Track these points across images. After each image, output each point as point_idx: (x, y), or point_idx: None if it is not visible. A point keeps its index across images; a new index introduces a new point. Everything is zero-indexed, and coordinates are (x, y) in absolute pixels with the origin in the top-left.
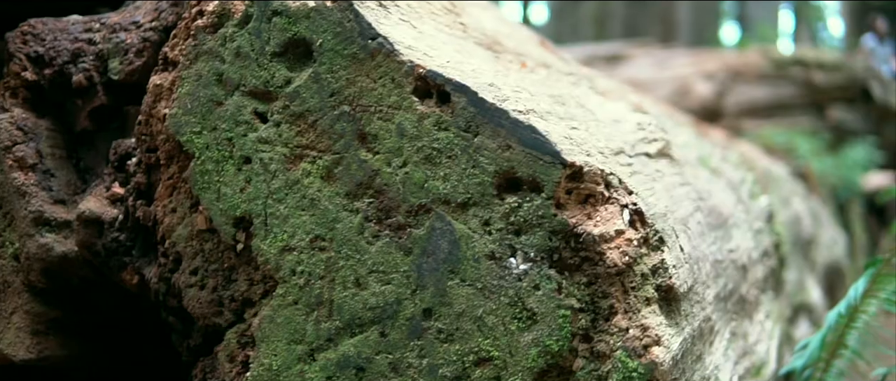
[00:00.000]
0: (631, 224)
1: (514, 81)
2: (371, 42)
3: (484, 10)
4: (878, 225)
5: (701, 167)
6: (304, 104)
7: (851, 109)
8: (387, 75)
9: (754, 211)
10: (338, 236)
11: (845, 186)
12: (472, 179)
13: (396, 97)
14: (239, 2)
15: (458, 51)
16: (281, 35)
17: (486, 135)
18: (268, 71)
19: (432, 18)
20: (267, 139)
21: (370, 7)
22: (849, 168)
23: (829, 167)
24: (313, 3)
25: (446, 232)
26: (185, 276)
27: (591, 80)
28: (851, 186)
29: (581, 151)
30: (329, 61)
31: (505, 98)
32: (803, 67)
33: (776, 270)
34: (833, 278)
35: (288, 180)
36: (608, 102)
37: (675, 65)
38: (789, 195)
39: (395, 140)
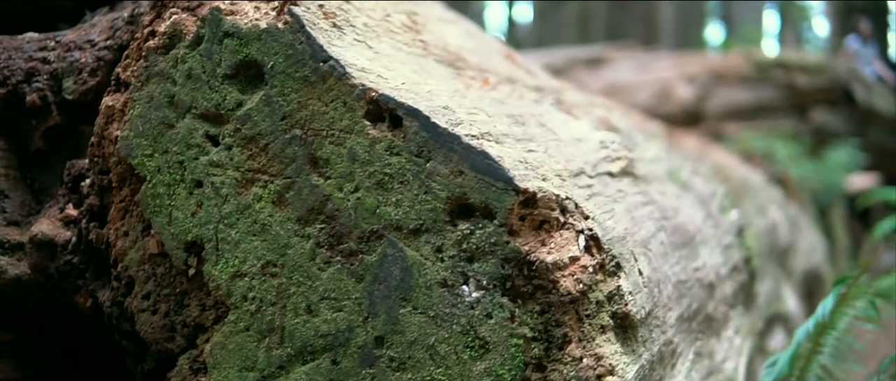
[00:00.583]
0: (586, 250)
1: (471, 101)
2: (322, 65)
3: (450, 25)
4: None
5: (669, 182)
6: (255, 127)
7: (834, 112)
8: (338, 99)
9: (724, 226)
10: (289, 262)
11: (826, 190)
12: (424, 205)
13: (348, 121)
14: (191, 22)
15: (415, 71)
16: (232, 57)
17: (438, 160)
18: (219, 93)
19: (390, 37)
20: (218, 163)
21: (323, 29)
22: (831, 171)
23: (809, 172)
24: (265, 25)
25: (398, 259)
26: (137, 300)
27: (559, 93)
28: (833, 189)
29: (536, 176)
30: (280, 84)
31: (458, 122)
32: (785, 69)
33: (746, 284)
34: (812, 284)
35: (239, 205)
36: (572, 120)
37: (656, 68)
38: (766, 203)
39: (347, 165)
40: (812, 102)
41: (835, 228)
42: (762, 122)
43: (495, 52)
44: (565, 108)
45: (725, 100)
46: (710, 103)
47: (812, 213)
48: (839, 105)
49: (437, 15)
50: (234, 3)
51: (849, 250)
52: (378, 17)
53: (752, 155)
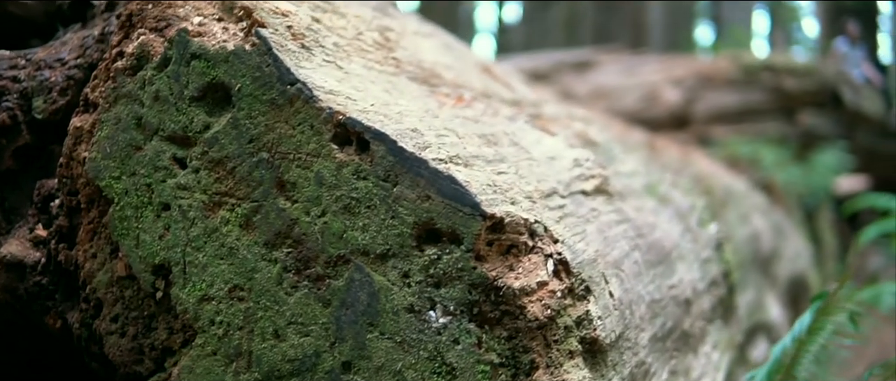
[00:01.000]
0: (555, 275)
1: (442, 121)
2: (290, 87)
3: (426, 39)
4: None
5: (647, 197)
6: (222, 150)
7: (822, 114)
8: (306, 122)
9: (703, 239)
10: (256, 286)
11: (813, 194)
12: (391, 230)
13: (315, 145)
14: (158, 44)
15: (386, 90)
16: (199, 79)
17: (405, 185)
18: (186, 116)
19: (361, 56)
20: (185, 186)
21: (291, 50)
22: (819, 174)
23: (795, 177)
24: (232, 47)
25: (365, 284)
26: (106, 322)
27: (537, 107)
28: (820, 193)
29: (505, 200)
30: (248, 107)
31: (426, 145)
32: (773, 72)
33: (725, 298)
34: (797, 290)
35: (206, 228)
36: (546, 138)
37: (643, 71)
38: (749, 212)
39: (314, 189)
40: (800, 105)
41: (822, 231)
42: (750, 125)
43: (473, 65)
44: (541, 124)
45: (713, 103)
46: (697, 107)
47: (799, 217)
48: (827, 108)
49: (414, 29)
50: (202, 24)
51: (836, 254)
52: (349, 35)
53: (738, 161)
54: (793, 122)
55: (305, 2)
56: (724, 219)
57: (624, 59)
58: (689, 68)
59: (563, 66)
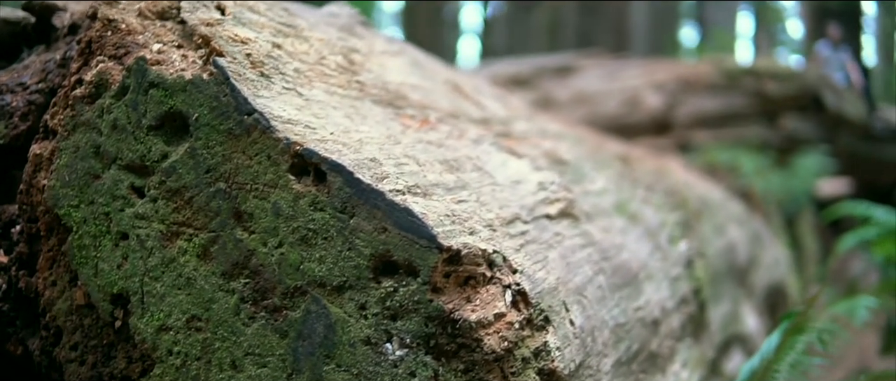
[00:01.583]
0: (513, 305)
1: (404, 147)
2: (247, 117)
3: (394, 57)
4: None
5: (617, 216)
6: (180, 180)
7: (804, 118)
8: (263, 152)
9: (673, 257)
10: (214, 316)
11: (793, 199)
12: (347, 261)
13: (272, 175)
14: (117, 72)
15: (348, 116)
16: (157, 108)
17: (362, 216)
18: (144, 145)
19: (323, 81)
20: (143, 215)
21: (249, 79)
22: (800, 178)
23: (774, 184)
24: (190, 76)
25: (322, 315)
26: (65, 351)
27: (507, 125)
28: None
29: (464, 230)
30: (205, 136)
31: (384, 176)
32: (755, 76)
33: (696, 315)
34: (775, 298)
35: (164, 258)
36: (512, 160)
37: (625, 76)
38: (725, 223)
39: (271, 220)
40: (782, 110)
41: (803, 236)
42: (731, 130)
43: (442, 82)
44: (509, 144)
45: (695, 108)
46: (679, 112)
47: (779, 222)
48: (809, 112)
49: (381, 48)
50: (161, 51)
51: (818, 258)
52: (312, 60)
53: (717, 168)
54: (775, 126)
55: (267, 27)
56: (698, 232)
57: (606, 64)
58: (670, 73)
59: (544, 71)
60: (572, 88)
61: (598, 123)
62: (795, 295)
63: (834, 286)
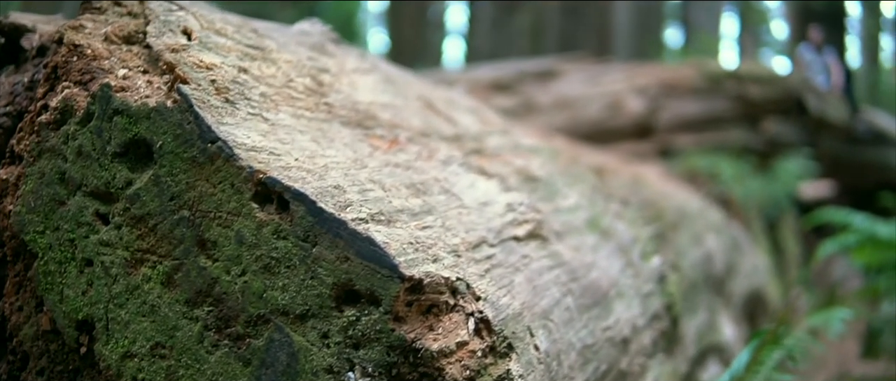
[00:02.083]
0: (476, 333)
1: (370, 172)
2: (210, 146)
3: (365, 75)
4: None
5: (589, 232)
6: (144, 207)
7: (786, 122)
8: (226, 180)
9: (645, 273)
10: (178, 344)
11: (774, 204)
12: (310, 290)
13: (236, 203)
14: (82, 98)
15: (315, 140)
16: (122, 135)
17: (324, 245)
18: (109, 172)
19: (290, 104)
20: (108, 242)
21: (213, 106)
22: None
23: (754, 190)
24: (154, 103)
25: (285, 344)
26: (32, 375)
27: (479, 141)
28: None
29: (427, 257)
30: (169, 164)
31: (348, 204)
32: (737, 80)
33: (668, 330)
34: (754, 305)
35: (129, 285)
36: (481, 181)
37: (607, 80)
38: (702, 232)
39: (235, 248)
40: (764, 113)
41: (784, 240)
42: (714, 133)
43: (415, 98)
44: (478, 164)
45: (676, 112)
46: (660, 116)
47: (760, 228)
48: (791, 115)
49: (352, 66)
50: (126, 77)
51: (800, 261)
52: (279, 83)
53: (697, 175)
54: (757, 130)
55: (234, 50)
56: (674, 243)
57: (588, 68)
58: (653, 77)
59: (526, 75)
60: (554, 93)
61: (580, 127)
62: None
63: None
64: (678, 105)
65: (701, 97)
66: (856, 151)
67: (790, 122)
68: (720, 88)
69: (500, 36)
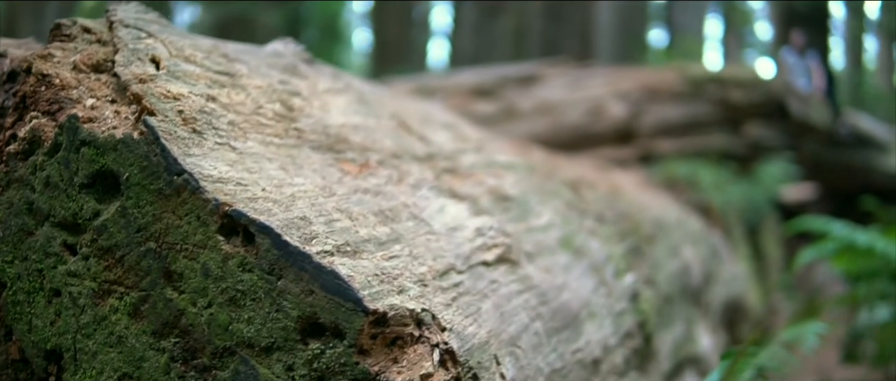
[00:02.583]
0: (441, 365)
1: (337, 200)
2: (177, 178)
3: (338, 95)
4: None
5: (561, 252)
6: (111, 238)
7: (768, 126)
8: (192, 213)
9: (618, 292)
10: (145, 375)
11: (754, 210)
12: (275, 323)
13: (202, 236)
14: (50, 128)
15: (283, 167)
16: (89, 166)
17: (289, 278)
18: (76, 202)
19: (259, 131)
20: (76, 273)
21: (180, 137)
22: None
23: (734, 197)
24: (120, 135)
25: (250, 376)
26: None
27: (453, 160)
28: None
29: (393, 289)
30: (136, 196)
31: (313, 236)
32: (720, 84)
33: (641, 348)
34: (733, 313)
35: (96, 316)
36: (451, 205)
37: (589, 85)
38: (679, 243)
39: (201, 280)
40: (746, 117)
41: (765, 245)
42: (695, 138)
43: (388, 117)
44: (449, 186)
45: (658, 117)
46: (642, 120)
47: (740, 233)
48: (773, 119)
49: (325, 87)
50: (94, 106)
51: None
52: (248, 110)
53: (677, 182)
54: (739, 134)
55: (203, 78)
56: (650, 257)
57: (570, 73)
58: (635, 81)
59: (507, 80)
60: (536, 98)
61: (562, 133)
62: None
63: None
64: (660, 110)
65: (683, 102)
66: (838, 155)
67: (772, 126)
68: (702, 92)
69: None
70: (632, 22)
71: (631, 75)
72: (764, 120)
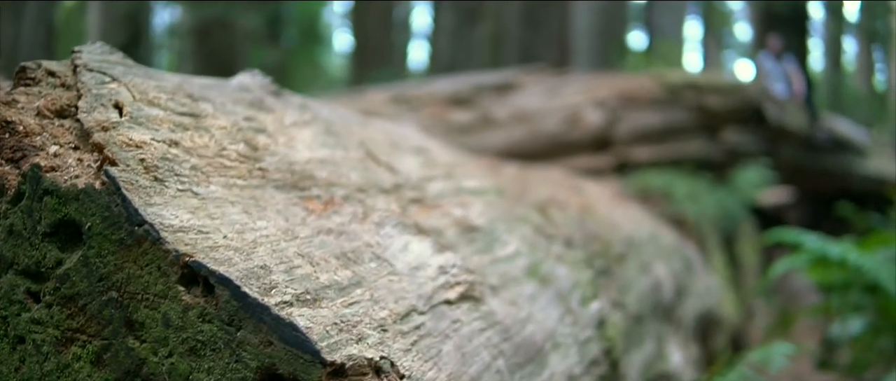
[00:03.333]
0: None
1: (300, 243)
2: (137, 228)
3: (305, 128)
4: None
5: (528, 281)
6: (74, 287)
7: (745, 132)
8: (153, 263)
9: (584, 320)
10: None
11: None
12: (235, 373)
13: (162, 286)
14: (13, 177)
15: (246, 210)
16: (51, 215)
17: (248, 329)
18: (40, 251)
19: (222, 174)
20: (39, 320)
21: (142, 186)
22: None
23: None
24: (82, 185)
25: None
26: None
27: (420, 189)
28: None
29: (352, 338)
30: (98, 245)
31: (272, 286)
32: (697, 90)
33: (607, 375)
34: (707, 326)
35: (59, 364)
36: (414, 242)
37: (566, 93)
38: (651, 260)
39: (162, 330)
40: (723, 123)
41: (741, 253)
42: (672, 145)
43: (355, 148)
44: (415, 219)
45: (635, 124)
46: (619, 128)
47: (716, 242)
48: (750, 125)
49: (291, 120)
50: (57, 154)
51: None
52: (211, 153)
53: (651, 194)
54: (716, 140)
55: (166, 122)
56: (620, 277)
57: (547, 80)
58: (612, 88)
59: (484, 88)
60: (513, 106)
61: (538, 141)
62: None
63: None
64: (637, 116)
65: (660, 108)
66: (815, 159)
67: (749, 131)
68: (679, 98)
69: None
70: (611, 24)
71: (608, 82)
72: (741, 126)
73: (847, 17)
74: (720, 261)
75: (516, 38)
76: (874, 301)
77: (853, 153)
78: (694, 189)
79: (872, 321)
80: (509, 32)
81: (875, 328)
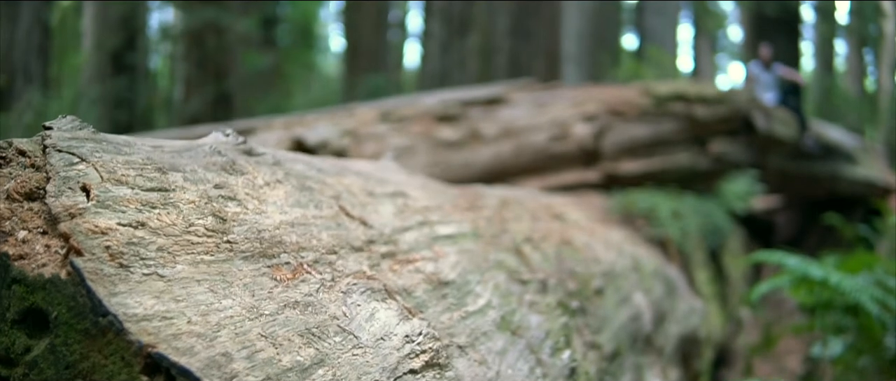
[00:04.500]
0: None
1: (264, 322)
2: (102, 319)
3: (277, 187)
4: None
5: (498, 334)
6: (42, 374)
7: (734, 142)
8: (117, 353)
9: (555, 371)
10: None
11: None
12: None
13: (126, 376)
14: None
15: (212, 288)
16: (20, 303)
17: None
18: (9, 337)
19: (189, 251)
20: None
21: (106, 275)
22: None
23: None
24: (49, 275)
25: None
26: None
27: (394, 243)
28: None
29: None
30: (64, 334)
31: (233, 376)
32: (685, 101)
33: None
34: (689, 348)
35: None
36: (381, 309)
37: (554, 107)
38: (630, 292)
39: None
40: (712, 134)
41: (728, 266)
42: (661, 157)
43: (328, 203)
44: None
45: (623, 136)
46: (607, 141)
47: (702, 258)
48: (739, 134)
49: (263, 181)
50: (25, 240)
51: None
52: (179, 231)
53: (635, 216)
54: (704, 150)
55: (133, 202)
56: (597, 314)
57: (535, 94)
58: (599, 101)
59: (472, 104)
60: (501, 121)
61: (527, 155)
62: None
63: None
64: (625, 129)
65: (648, 120)
66: (804, 166)
67: (738, 141)
68: (667, 110)
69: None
70: (603, 27)
71: (596, 95)
72: (729, 136)
73: (838, 19)
74: (706, 277)
75: (506, 50)
76: (855, 322)
77: (841, 159)
78: (679, 207)
79: (854, 341)
80: (499, 44)
81: (856, 349)
